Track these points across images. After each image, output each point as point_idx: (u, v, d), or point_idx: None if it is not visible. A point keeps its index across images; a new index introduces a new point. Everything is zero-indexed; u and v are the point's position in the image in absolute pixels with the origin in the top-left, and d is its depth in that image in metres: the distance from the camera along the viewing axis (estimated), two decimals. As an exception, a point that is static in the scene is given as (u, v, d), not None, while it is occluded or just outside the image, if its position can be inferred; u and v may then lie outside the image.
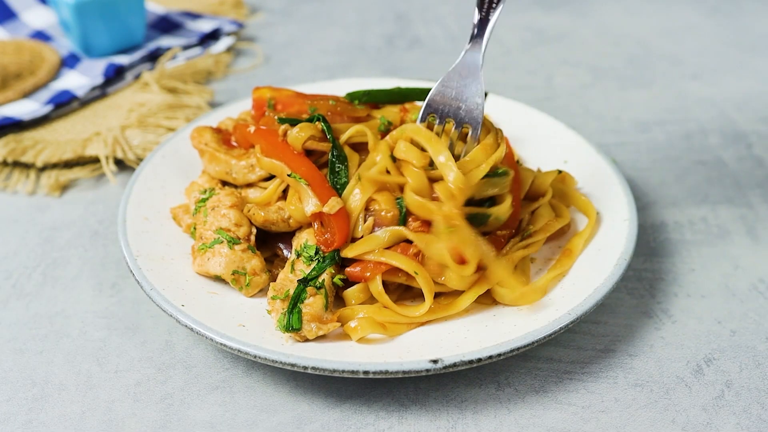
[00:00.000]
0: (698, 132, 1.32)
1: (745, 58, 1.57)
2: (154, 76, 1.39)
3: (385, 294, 0.87)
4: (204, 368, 0.87)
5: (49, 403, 0.83)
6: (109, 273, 1.01)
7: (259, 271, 0.91)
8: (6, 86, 1.34)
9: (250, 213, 0.95)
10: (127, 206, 0.99)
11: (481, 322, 0.86)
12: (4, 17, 1.56)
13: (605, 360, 0.88)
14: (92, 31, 1.41)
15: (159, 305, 0.85)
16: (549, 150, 1.14)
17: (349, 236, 0.90)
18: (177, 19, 1.60)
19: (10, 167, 1.21)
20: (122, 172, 1.21)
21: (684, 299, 0.97)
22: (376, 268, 0.87)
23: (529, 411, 0.82)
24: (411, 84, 1.24)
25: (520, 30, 1.70)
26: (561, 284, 0.91)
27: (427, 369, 0.78)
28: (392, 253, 0.88)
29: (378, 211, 0.90)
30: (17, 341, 0.91)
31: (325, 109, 1.02)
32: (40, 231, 1.09)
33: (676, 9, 1.80)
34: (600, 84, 1.48)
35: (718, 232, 1.08)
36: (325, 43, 1.65)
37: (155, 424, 0.81)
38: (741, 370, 0.87)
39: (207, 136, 1.05)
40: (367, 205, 0.91)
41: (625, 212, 0.98)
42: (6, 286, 0.99)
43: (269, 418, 0.82)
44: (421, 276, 0.87)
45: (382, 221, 0.90)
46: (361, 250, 0.88)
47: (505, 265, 0.88)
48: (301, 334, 0.83)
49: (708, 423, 0.81)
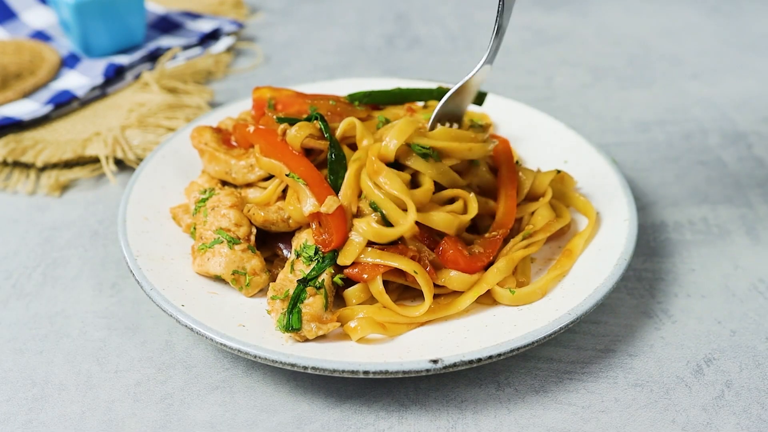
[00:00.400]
0: (698, 132, 1.32)
1: (745, 58, 1.57)
2: (154, 76, 1.39)
3: (385, 294, 0.87)
4: (204, 368, 0.87)
5: (49, 403, 0.83)
6: (109, 273, 1.01)
7: (259, 271, 0.91)
8: (6, 86, 1.34)
9: (250, 213, 0.95)
10: (127, 206, 0.99)
11: (481, 322, 0.86)
12: (4, 17, 1.56)
13: (605, 360, 0.88)
14: (92, 31, 1.41)
15: (159, 305, 0.85)
16: (549, 150, 1.14)
17: (347, 236, 0.90)
18: (177, 19, 1.60)
19: (10, 167, 1.21)
20: (122, 172, 1.21)
21: (684, 299, 0.97)
22: (374, 270, 0.87)
23: (529, 411, 0.82)
24: (411, 84, 1.24)
25: (520, 30, 1.70)
26: (561, 284, 0.91)
27: (427, 369, 0.78)
28: (391, 255, 0.88)
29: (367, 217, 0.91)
30: (17, 341, 0.91)
31: (325, 110, 1.02)
32: (40, 231, 1.09)
33: (676, 9, 1.80)
34: (600, 84, 1.48)
35: (718, 232, 1.08)
36: (325, 43, 1.65)
37: (155, 424, 0.81)
38: (741, 370, 0.87)
39: (207, 135, 1.05)
40: (360, 212, 0.91)
41: (625, 212, 0.98)
42: (6, 286, 0.99)
43: (269, 418, 0.82)
44: (421, 276, 0.87)
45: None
46: (354, 256, 0.88)
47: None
48: (301, 334, 0.83)
49: (708, 423, 0.81)
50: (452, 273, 0.89)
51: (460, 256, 0.89)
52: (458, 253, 0.89)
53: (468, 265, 0.89)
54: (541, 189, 1.01)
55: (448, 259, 0.89)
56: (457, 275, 0.89)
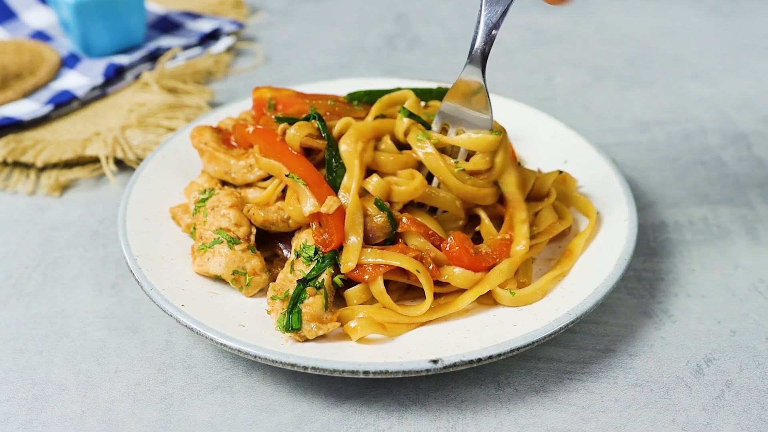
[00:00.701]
0: (698, 132, 1.32)
1: (745, 58, 1.57)
2: (154, 76, 1.39)
3: (386, 294, 0.87)
4: (204, 368, 0.87)
5: (49, 403, 0.83)
6: (109, 273, 1.01)
7: (259, 271, 0.91)
8: (6, 86, 1.34)
9: (249, 213, 0.95)
10: (127, 206, 0.99)
11: (481, 322, 0.86)
12: (4, 17, 1.56)
13: (605, 360, 0.88)
14: (92, 31, 1.41)
15: (159, 305, 0.85)
16: (549, 150, 1.14)
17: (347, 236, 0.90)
18: (177, 19, 1.60)
19: (10, 167, 1.21)
20: (122, 172, 1.21)
21: (684, 299, 0.97)
22: (376, 270, 0.87)
23: (529, 411, 0.82)
24: (411, 84, 1.24)
25: (520, 30, 1.70)
26: (561, 284, 0.91)
27: (427, 369, 0.78)
28: (392, 254, 0.88)
29: (371, 217, 0.90)
30: (17, 341, 0.91)
31: (323, 110, 1.02)
32: (40, 231, 1.09)
33: (676, 9, 1.80)
34: (600, 84, 1.48)
35: (718, 232, 1.08)
36: (325, 43, 1.65)
37: (155, 424, 0.81)
38: (741, 370, 0.87)
39: (207, 135, 1.05)
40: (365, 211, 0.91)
41: (625, 212, 0.98)
42: (6, 286, 0.99)
43: (269, 418, 0.82)
44: (423, 274, 0.87)
45: (374, 227, 0.90)
46: (356, 259, 0.88)
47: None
48: (301, 334, 0.83)
49: (708, 423, 0.81)
50: (456, 270, 0.89)
51: (465, 254, 0.89)
52: (464, 251, 0.89)
53: (472, 264, 0.89)
54: (544, 189, 1.01)
55: (453, 255, 0.89)
56: (461, 272, 0.89)
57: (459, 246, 0.89)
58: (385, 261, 0.87)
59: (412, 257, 0.88)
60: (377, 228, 0.90)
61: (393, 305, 0.87)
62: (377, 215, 0.90)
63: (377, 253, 0.88)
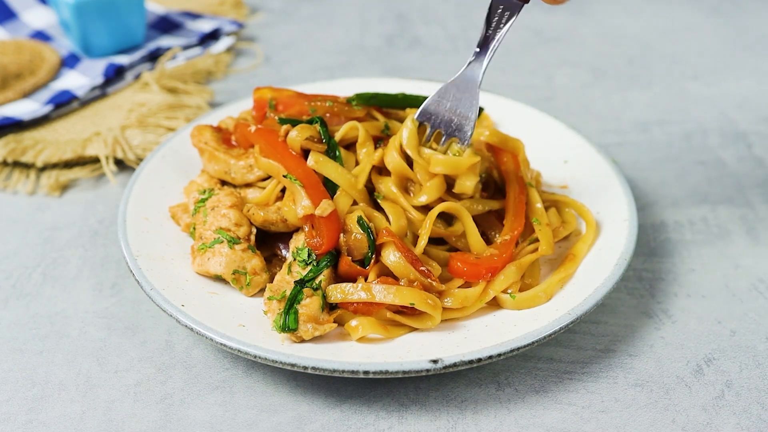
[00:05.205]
0: (698, 132, 1.32)
1: (745, 58, 1.57)
2: (154, 76, 1.39)
3: (387, 316, 0.86)
4: (204, 368, 0.87)
5: (49, 403, 0.83)
6: (109, 273, 1.01)
7: (260, 271, 0.91)
8: (6, 86, 1.34)
9: (249, 213, 0.95)
10: (127, 206, 0.99)
11: (481, 322, 0.87)
12: (4, 17, 1.56)
13: (605, 360, 0.88)
14: (92, 31, 1.41)
15: (159, 305, 0.85)
16: (549, 150, 1.14)
17: (338, 240, 0.89)
18: (177, 19, 1.60)
19: (10, 167, 1.21)
20: (122, 172, 1.21)
21: (684, 299, 0.97)
22: (368, 308, 0.86)
23: (529, 411, 0.82)
24: (411, 84, 1.24)
25: (520, 30, 1.70)
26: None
27: (427, 369, 0.78)
28: (388, 287, 0.85)
29: (349, 233, 0.90)
30: (17, 341, 0.91)
31: (322, 111, 1.02)
32: (40, 231, 1.09)
33: (676, 9, 1.80)
34: (600, 84, 1.48)
35: (718, 232, 1.08)
36: (325, 43, 1.65)
37: (155, 424, 0.81)
38: (741, 370, 0.87)
39: (207, 134, 1.05)
40: (346, 227, 0.90)
41: (625, 212, 0.98)
42: (6, 286, 0.99)
43: (269, 418, 0.82)
44: (420, 303, 0.84)
45: (354, 245, 0.89)
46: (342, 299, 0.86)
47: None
48: (297, 334, 0.83)
49: (708, 423, 0.81)
50: (456, 290, 0.88)
51: (465, 263, 0.89)
52: (464, 262, 0.89)
53: (473, 270, 0.89)
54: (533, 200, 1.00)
55: (454, 270, 0.90)
56: (460, 292, 0.88)
57: (459, 260, 0.90)
58: (377, 300, 0.84)
59: (419, 289, 0.86)
60: (354, 247, 0.89)
61: (397, 318, 0.86)
62: (357, 233, 0.90)
63: (365, 289, 0.85)
